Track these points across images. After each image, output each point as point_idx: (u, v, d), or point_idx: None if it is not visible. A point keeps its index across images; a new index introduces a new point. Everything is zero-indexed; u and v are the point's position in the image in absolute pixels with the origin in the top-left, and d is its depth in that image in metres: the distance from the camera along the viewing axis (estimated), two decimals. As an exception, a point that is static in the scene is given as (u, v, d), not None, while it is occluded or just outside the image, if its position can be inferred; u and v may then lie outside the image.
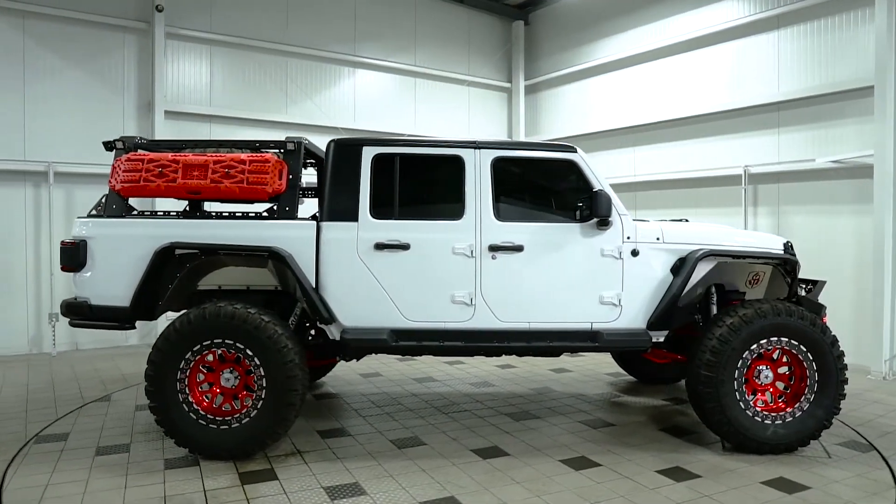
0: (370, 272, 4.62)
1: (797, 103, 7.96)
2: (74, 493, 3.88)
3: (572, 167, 4.80)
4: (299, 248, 4.60)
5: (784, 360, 4.66)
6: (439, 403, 5.93)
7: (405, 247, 4.62)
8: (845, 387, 4.57)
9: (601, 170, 11.21)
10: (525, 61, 12.23)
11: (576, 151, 4.83)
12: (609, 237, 4.72)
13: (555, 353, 4.84)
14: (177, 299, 4.88)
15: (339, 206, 4.68)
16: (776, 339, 4.52)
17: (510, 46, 12.26)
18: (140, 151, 4.92)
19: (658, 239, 4.79)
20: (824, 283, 5.33)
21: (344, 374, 7.09)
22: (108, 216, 4.71)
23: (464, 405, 5.87)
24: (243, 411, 4.41)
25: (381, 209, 4.69)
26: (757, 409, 4.54)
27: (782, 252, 4.95)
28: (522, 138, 12.20)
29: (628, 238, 4.75)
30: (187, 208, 5.01)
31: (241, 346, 4.39)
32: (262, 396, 4.38)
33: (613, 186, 10.91)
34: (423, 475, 4.17)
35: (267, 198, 4.72)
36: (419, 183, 4.87)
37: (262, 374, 4.37)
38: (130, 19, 8.55)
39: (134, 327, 4.79)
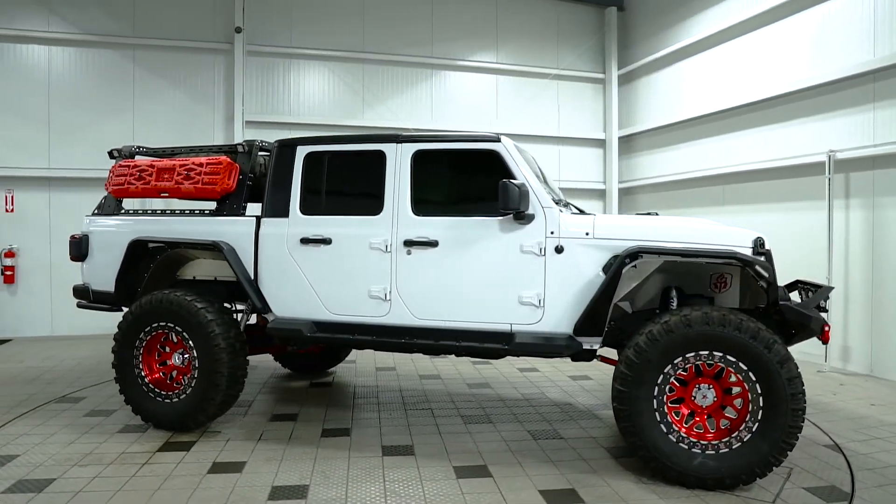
0: (297, 265, 4.82)
1: (897, 71, 6.48)
2: (35, 442, 4.65)
3: (495, 158, 4.50)
4: (240, 243, 4.97)
5: (731, 379, 3.91)
6: (413, 400, 5.91)
7: (327, 241, 4.74)
8: (802, 417, 3.69)
9: (688, 164, 10.08)
10: (619, 49, 11.45)
11: (499, 141, 4.53)
12: (529, 232, 4.36)
13: (462, 353, 4.57)
14: (158, 287, 5.52)
15: (275, 203, 4.95)
16: (707, 352, 3.81)
17: (602, 34, 11.55)
18: (137, 158, 5.72)
19: (587, 234, 4.31)
20: (830, 289, 4.35)
21: (363, 367, 7.35)
22: (104, 214, 5.54)
23: (433, 403, 5.78)
24: (182, 388, 4.89)
25: (309, 205, 4.86)
26: (682, 433, 3.87)
27: (746, 251, 4.12)
28: (615, 131, 11.44)
29: (552, 233, 4.34)
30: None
31: (180, 330, 4.87)
32: (195, 376, 4.82)
33: (699, 180, 9.79)
34: (307, 463, 4.25)
35: (218, 196, 5.18)
36: (346, 179, 4.95)
37: (195, 355, 4.81)
38: (218, 42, 9.74)
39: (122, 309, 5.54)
